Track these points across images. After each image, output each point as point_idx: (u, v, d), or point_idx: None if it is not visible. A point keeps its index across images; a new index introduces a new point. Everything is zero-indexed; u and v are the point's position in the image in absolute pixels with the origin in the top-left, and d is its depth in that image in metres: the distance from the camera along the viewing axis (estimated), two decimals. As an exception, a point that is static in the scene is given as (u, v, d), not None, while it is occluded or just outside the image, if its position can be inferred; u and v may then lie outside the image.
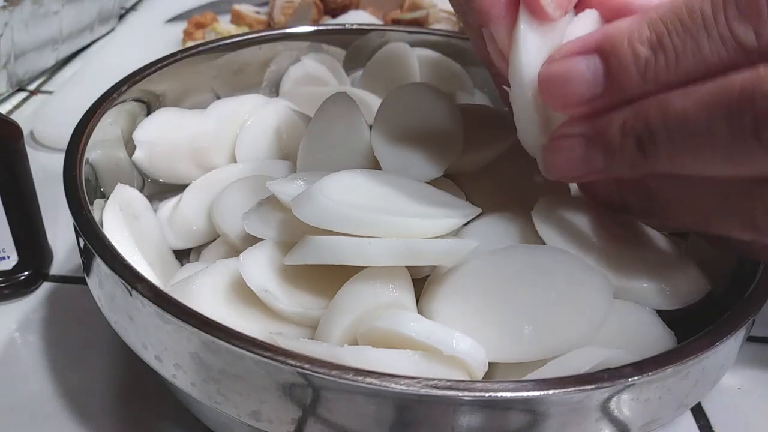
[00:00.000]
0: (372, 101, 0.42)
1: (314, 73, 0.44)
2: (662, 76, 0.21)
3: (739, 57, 0.19)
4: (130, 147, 0.37)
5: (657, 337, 0.26)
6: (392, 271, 0.27)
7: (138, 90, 0.37)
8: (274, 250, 0.28)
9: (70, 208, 0.28)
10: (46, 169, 0.46)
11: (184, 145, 0.37)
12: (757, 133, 0.19)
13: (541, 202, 0.29)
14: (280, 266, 0.28)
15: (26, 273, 0.39)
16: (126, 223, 0.32)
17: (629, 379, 0.22)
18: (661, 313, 0.27)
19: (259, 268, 0.28)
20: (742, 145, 0.19)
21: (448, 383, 0.21)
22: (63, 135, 0.33)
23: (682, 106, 0.20)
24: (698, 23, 0.20)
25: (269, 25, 0.66)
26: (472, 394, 0.21)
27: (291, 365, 0.21)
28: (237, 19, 0.68)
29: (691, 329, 0.25)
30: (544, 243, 0.28)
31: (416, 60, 0.44)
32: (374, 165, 0.32)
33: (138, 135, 0.37)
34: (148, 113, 0.39)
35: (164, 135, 0.37)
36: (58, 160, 0.31)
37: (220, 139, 0.38)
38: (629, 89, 0.21)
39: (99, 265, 0.26)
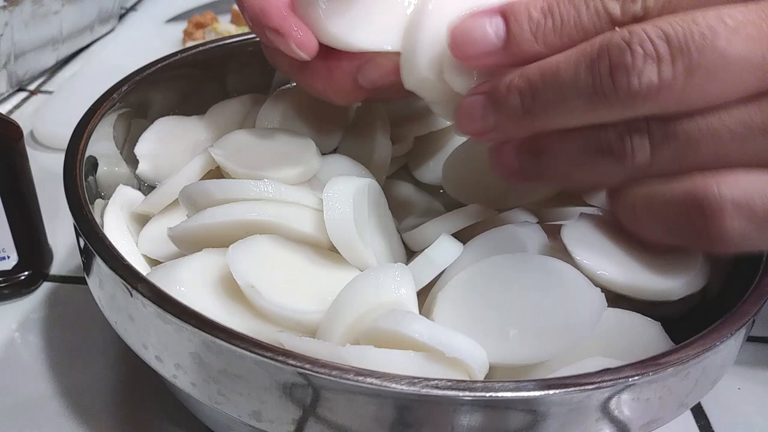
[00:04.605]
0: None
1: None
2: (549, 37, 0.25)
3: (608, 26, 0.24)
4: (129, 149, 0.37)
5: (660, 349, 0.26)
6: (395, 270, 0.27)
7: (138, 90, 0.37)
8: (266, 246, 0.28)
9: (70, 208, 0.28)
10: (46, 169, 0.46)
11: (186, 153, 0.37)
12: (612, 77, 0.23)
13: (571, 222, 0.29)
14: (269, 263, 0.28)
15: (26, 273, 0.39)
16: (126, 223, 0.32)
17: (629, 379, 0.22)
18: (662, 313, 0.28)
19: (248, 261, 0.27)
20: (600, 90, 0.23)
21: (449, 383, 0.21)
22: (63, 135, 0.33)
23: (555, 63, 0.24)
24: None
25: (269, 25, 0.66)
26: (472, 394, 0.21)
27: (292, 365, 0.21)
28: (237, 19, 0.68)
29: (691, 329, 0.25)
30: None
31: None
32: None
33: (139, 149, 0.37)
34: (147, 115, 0.39)
35: (165, 146, 0.37)
36: (58, 160, 0.31)
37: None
38: (523, 47, 0.25)
39: (99, 265, 0.26)
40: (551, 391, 0.21)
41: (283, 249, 0.28)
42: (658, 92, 0.23)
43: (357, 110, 0.39)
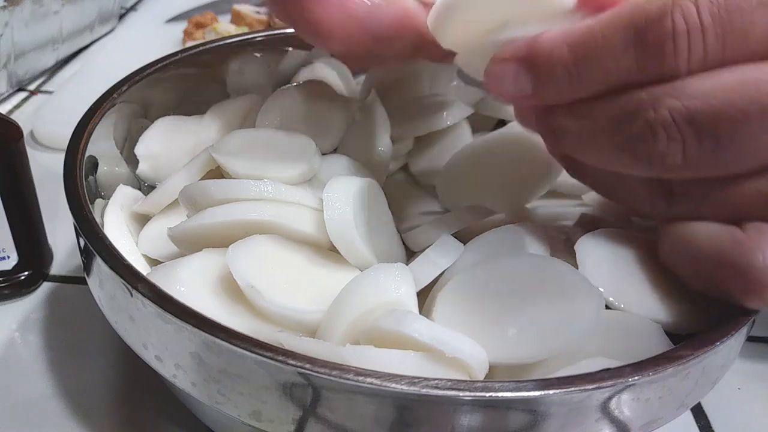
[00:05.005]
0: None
1: (321, 76, 0.44)
2: (575, 88, 0.24)
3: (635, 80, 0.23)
4: (129, 149, 0.37)
5: (660, 349, 0.26)
6: (395, 270, 0.27)
7: (138, 90, 0.37)
8: (266, 246, 0.28)
9: (70, 208, 0.28)
10: (46, 169, 0.46)
11: (186, 153, 0.37)
12: (636, 156, 0.23)
13: (586, 237, 0.29)
14: (269, 263, 0.28)
15: (26, 273, 0.39)
16: (126, 223, 0.32)
17: (629, 379, 0.22)
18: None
19: (248, 261, 0.27)
20: (625, 159, 0.24)
21: (449, 383, 0.21)
22: (63, 135, 0.33)
23: (584, 115, 0.25)
24: (606, 53, 0.23)
25: (269, 25, 0.66)
26: (473, 394, 0.21)
27: (292, 365, 0.21)
28: (237, 19, 0.68)
29: (692, 329, 0.25)
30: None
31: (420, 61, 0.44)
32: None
33: (139, 149, 0.37)
34: (147, 115, 0.39)
35: (166, 146, 0.37)
36: (58, 160, 0.31)
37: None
38: (550, 96, 0.25)
39: (99, 265, 0.26)
40: (551, 391, 0.21)
41: (283, 249, 0.28)
42: (684, 168, 0.23)
43: (357, 110, 0.39)
